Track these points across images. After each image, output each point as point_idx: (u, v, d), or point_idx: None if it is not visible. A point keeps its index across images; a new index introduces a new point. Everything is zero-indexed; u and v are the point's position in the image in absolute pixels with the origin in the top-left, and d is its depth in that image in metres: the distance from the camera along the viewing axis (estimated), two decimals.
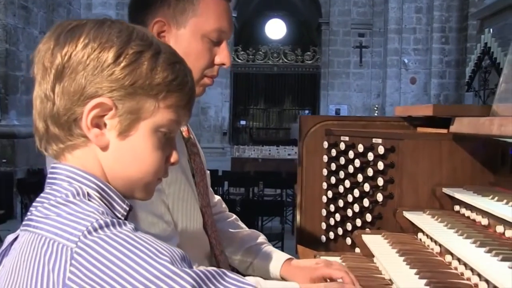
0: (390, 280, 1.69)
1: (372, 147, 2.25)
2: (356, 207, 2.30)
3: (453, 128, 2.05)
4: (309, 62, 17.55)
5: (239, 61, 17.32)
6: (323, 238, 2.52)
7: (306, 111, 18.28)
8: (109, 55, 0.99)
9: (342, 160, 2.40)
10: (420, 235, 1.96)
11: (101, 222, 0.93)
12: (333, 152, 2.46)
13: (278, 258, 1.71)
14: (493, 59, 10.32)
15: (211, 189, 1.86)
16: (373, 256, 1.96)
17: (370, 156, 2.24)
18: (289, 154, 13.17)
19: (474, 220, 1.84)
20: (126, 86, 1.00)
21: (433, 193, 2.11)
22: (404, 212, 2.07)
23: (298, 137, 2.67)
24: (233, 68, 17.38)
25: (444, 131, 2.16)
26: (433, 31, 15.71)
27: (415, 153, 2.14)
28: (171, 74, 1.04)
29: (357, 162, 2.30)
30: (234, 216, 1.95)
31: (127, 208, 1.07)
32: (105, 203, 1.02)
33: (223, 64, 1.62)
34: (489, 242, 1.56)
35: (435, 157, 2.14)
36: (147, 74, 1.02)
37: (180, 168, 1.54)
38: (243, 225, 1.92)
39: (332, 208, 2.48)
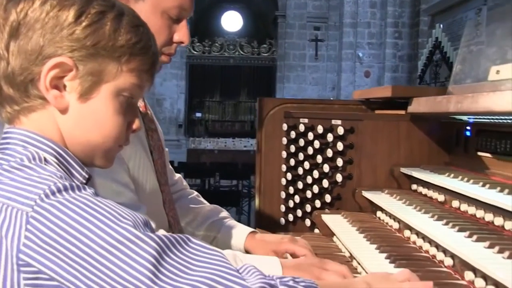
0: (350, 257, 1.70)
1: (331, 129, 2.26)
2: (316, 189, 2.31)
3: (411, 109, 2.09)
4: (265, 54, 17.59)
5: (195, 52, 17.17)
6: (282, 220, 2.52)
7: None
8: (69, 14, 0.95)
9: (302, 142, 2.40)
10: (378, 213, 1.98)
11: (59, 185, 0.89)
12: (292, 134, 2.46)
13: (241, 231, 1.70)
14: (443, 53, 10.61)
15: (170, 167, 1.82)
16: (332, 236, 1.97)
17: (330, 137, 2.25)
18: (245, 146, 13.17)
19: (431, 197, 1.87)
20: (88, 46, 0.96)
21: (391, 173, 2.14)
22: (363, 191, 2.10)
23: (257, 120, 2.66)
24: (188, 59, 17.23)
25: (403, 112, 2.20)
26: (387, 26, 16.00)
27: (374, 134, 2.16)
28: (134, 37, 1.01)
29: (317, 144, 2.30)
30: (196, 192, 1.92)
31: (86, 176, 1.03)
32: (63, 169, 0.98)
33: (182, 43, 1.59)
34: (446, 215, 1.59)
35: (393, 138, 2.17)
36: (110, 35, 0.98)
37: (139, 142, 1.50)
38: (204, 201, 1.90)
39: (291, 190, 2.48)
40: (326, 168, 2.25)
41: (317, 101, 2.83)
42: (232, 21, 18.69)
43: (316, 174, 2.31)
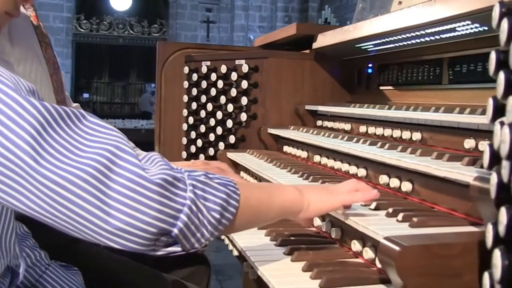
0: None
1: (235, 68, 2.20)
2: (219, 130, 2.23)
3: (316, 45, 2.07)
4: (156, 35, 17.09)
5: (82, 30, 16.26)
6: None
7: (153, 85, 17.85)
8: None
9: (204, 84, 2.31)
10: (285, 148, 1.95)
11: None
12: (194, 77, 2.37)
13: None
14: None
15: (68, 94, 1.66)
16: (239, 173, 1.91)
17: (234, 76, 2.18)
18: (135, 126, 12.77)
19: (337, 129, 1.87)
20: None
21: (296, 112, 2.12)
22: (268, 128, 2.05)
23: (157, 66, 2.52)
24: (74, 37, 16.29)
25: (307, 51, 2.18)
26: (277, 10, 16.28)
27: (279, 73, 2.13)
28: None
29: (220, 84, 2.23)
30: None
31: None
32: None
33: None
34: (353, 136, 1.59)
35: (297, 76, 2.15)
36: None
37: (31, 48, 1.34)
38: None
39: (193, 135, 2.38)
40: (230, 108, 2.19)
41: (219, 47, 2.75)
42: None
43: (219, 115, 2.23)
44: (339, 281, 0.90)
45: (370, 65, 2.04)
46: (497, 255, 0.57)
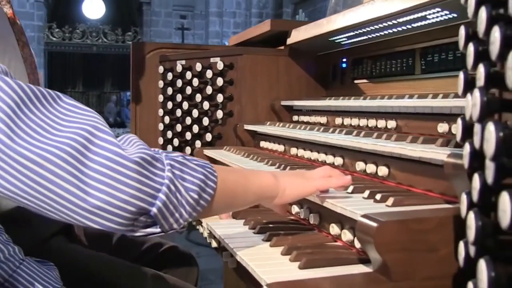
0: None
1: (210, 66, 2.19)
2: (196, 128, 2.22)
3: (290, 40, 2.08)
4: (130, 42, 17.05)
5: (54, 39, 16.05)
6: None
7: (128, 93, 17.73)
8: None
9: (179, 83, 2.30)
10: (262, 143, 1.95)
11: None
12: (169, 76, 2.35)
13: None
14: None
15: None
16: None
17: (209, 74, 2.17)
18: None
19: (314, 123, 1.88)
20: None
21: (272, 108, 2.13)
22: (245, 125, 2.05)
23: (131, 66, 2.51)
24: (47, 46, 16.10)
25: (282, 48, 2.19)
26: (252, 16, 16.34)
27: (254, 69, 2.13)
28: None
29: (195, 82, 2.22)
30: None
31: None
32: None
33: None
34: (329, 128, 1.60)
35: (272, 73, 2.15)
36: None
37: (9, 44, 1.32)
38: None
39: (169, 134, 2.37)
40: (206, 106, 2.18)
41: (194, 46, 2.74)
42: (94, 7, 17.77)
43: (195, 113, 2.22)
44: (319, 262, 0.90)
45: (344, 59, 2.05)
46: (471, 217, 0.58)
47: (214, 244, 1.26)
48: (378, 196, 0.99)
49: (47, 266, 1.10)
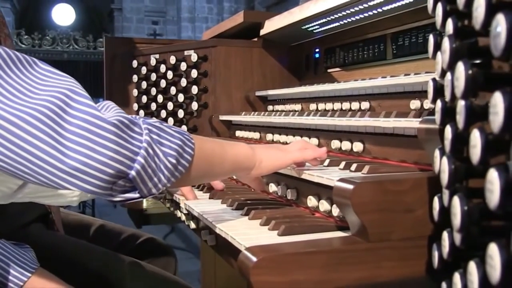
0: None
1: (184, 59, 2.19)
2: (171, 121, 2.22)
3: (264, 31, 2.10)
4: (102, 49, 16.87)
5: (23, 46, 15.80)
6: None
7: (101, 100, 17.55)
8: None
9: (153, 77, 2.30)
10: (238, 132, 1.96)
11: None
12: (143, 70, 2.35)
13: None
14: None
15: None
16: None
17: (183, 66, 2.18)
18: None
19: (289, 111, 1.90)
20: None
21: (247, 99, 2.14)
22: (220, 116, 2.06)
23: (104, 61, 2.49)
24: None
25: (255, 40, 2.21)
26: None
27: (227, 61, 2.14)
28: None
29: (170, 75, 2.22)
30: None
31: None
32: None
33: None
34: (304, 112, 1.62)
35: (246, 64, 2.16)
36: None
37: None
38: None
39: None
40: (180, 98, 2.18)
41: (168, 41, 2.73)
42: (63, 14, 17.59)
43: (170, 106, 2.22)
44: (297, 229, 0.91)
45: (317, 50, 2.08)
46: (444, 162, 0.60)
47: (192, 225, 1.26)
48: (353, 167, 1.01)
49: (23, 248, 1.09)
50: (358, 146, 1.20)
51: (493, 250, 0.46)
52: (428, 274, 0.84)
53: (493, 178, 0.46)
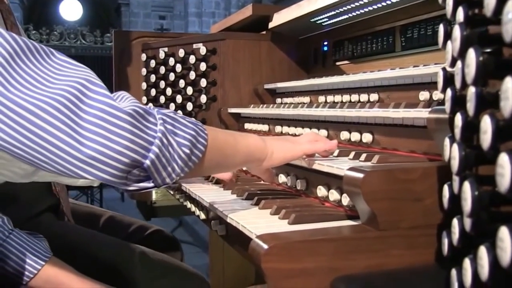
0: None
1: (193, 52, 2.20)
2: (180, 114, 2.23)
3: (272, 24, 2.10)
4: (109, 44, 16.86)
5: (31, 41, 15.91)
6: None
7: None
8: None
9: (162, 70, 2.31)
10: (247, 125, 1.97)
11: None
12: (152, 64, 2.36)
13: None
14: None
15: None
16: None
17: (192, 59, 2.18)
18: None
19: (297, 103, 1.90)
20: None
21: (255, 92, 2.14)
22: (229, 108, 2.07)
23: (113, 55, 2.51)
24: None
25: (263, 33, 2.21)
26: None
27: (236, 54, 2.15)
28: None
29: (179, 68, 2.23)
30: None
31: None
32: None
33: None
34: (313, 104, 1.62)
35: (255, 57, 2.17)
36: None
37: None
38: None
39: None
40: (189, 91, 2.19)
41: (176, 34, 2.74)
42: (71, 9, 17.64)
43: (179, 99, 2.23)
44: (307, 218, 0.92)
45: (325, 42, 2.08)
46: (455, 148, 0.61)
47: (202, 216, 1.27)
48: (363, 157, 1.02)
49: (37, 238, 1.10)
50: (367, 137, 1.20)
51: (504, 233, 0.46)
52: (437, 262, 0.84)
53: (504, 162, 0.47)
